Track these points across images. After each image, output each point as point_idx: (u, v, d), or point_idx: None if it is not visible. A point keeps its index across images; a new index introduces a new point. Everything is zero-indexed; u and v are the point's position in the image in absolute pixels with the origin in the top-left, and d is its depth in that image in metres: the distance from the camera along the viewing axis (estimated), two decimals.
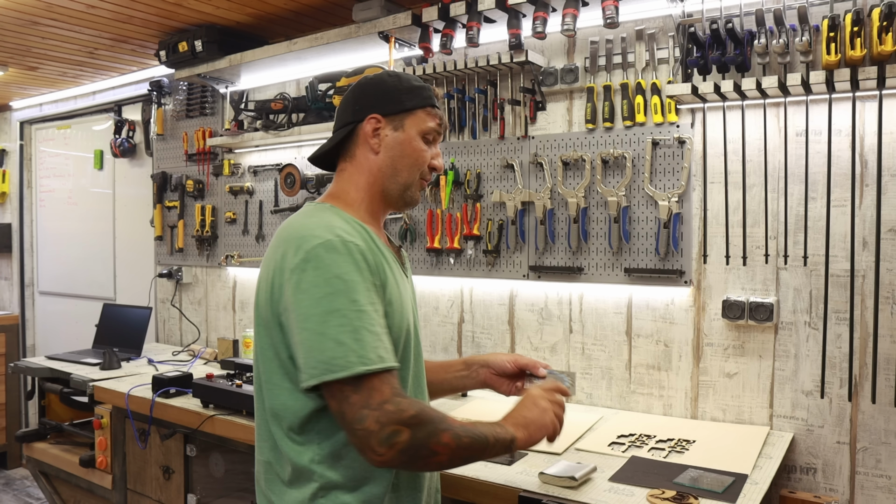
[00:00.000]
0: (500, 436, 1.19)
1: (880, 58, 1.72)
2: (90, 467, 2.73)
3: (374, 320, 1.11)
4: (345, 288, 1.09)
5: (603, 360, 2.30)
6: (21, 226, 4.81)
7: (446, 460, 1.12)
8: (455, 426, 1.12)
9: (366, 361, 1.06)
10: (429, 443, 1.08)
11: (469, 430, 1.14)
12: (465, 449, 1.12)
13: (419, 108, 1.29)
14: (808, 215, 1.92)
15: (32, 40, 3.19)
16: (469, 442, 1.12)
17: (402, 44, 2.52)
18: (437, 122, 1.33)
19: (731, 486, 1.53)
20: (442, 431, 1.10)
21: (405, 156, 1.29)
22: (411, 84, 1.31)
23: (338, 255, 1.11)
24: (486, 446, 1.16)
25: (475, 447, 1.14)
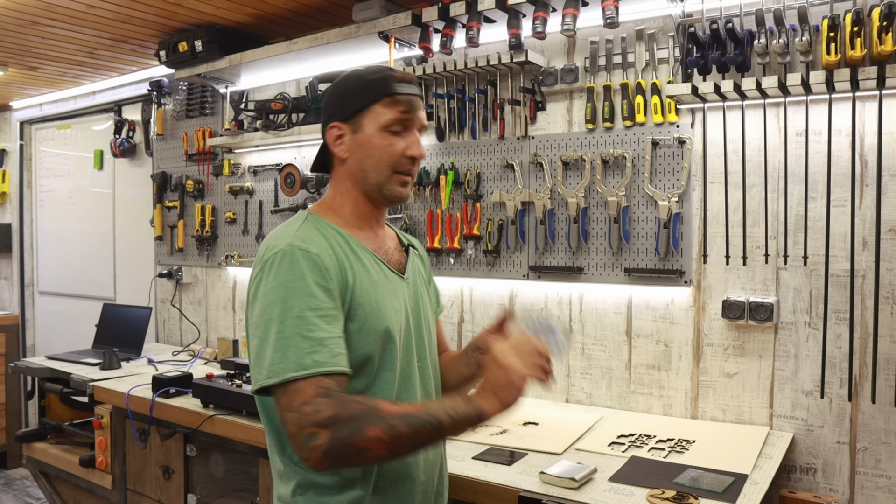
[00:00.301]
0: (461, 412, 1.07)
1: (880, 58, 1.72)
2: (90, 467, 2.73)
3: (314, 325, 1.09)
4: (285, 296, 1.09)
5: (603, 360, 2.30)
6: (21, 226, 4.81)
7: (386, 453, 1.04)
8: (389, 417, 1.04)
9: (295, 367, 1.05)
10: (353, 441, 1.02)
11: (411, 417, 1.05)
12: (406, 438, 1.04)
13: (374, 102, 1.23)
14: (808, 215, 1.92)
15: (32, 40, 3.19)
16: (410, 430, 1.04)
17: (402, 44, 2.52)
18: (401, 109, 1.23)
19: (731, 486, 1.53)
20: (368, 427, 1.02)
21: (369, 156, 1.24)
22: (364, 80, 1.25)
23: (287, 264, 1.12)
24: (437, 428, 1.06)
25: (422, 433, 1.05)
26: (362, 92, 1.24)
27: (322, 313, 1.10)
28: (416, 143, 1.27)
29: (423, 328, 1.34)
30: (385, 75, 1.24)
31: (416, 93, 1.26)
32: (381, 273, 1.26)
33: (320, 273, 1.13)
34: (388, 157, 1.24)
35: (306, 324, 1.08)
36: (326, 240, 1.20)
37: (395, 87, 1.24)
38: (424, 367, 1.32)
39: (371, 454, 1.03)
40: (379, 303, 1.21)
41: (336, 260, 1.17)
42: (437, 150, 2.63)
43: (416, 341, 1.31)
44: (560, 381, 2.39)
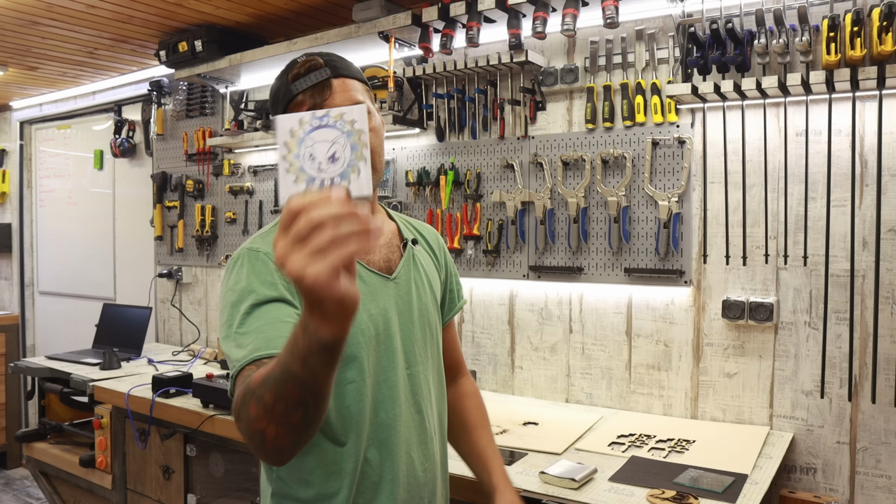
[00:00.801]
0: (303, 346, 0.76)
1: (880, 58, 1.72)
2: (90, 467, 2.73)
3: (250, 319, 1.02)
4: (234, 299, 1.06)
5: (603, 360, 2.30)
6: (21, 226, 4.81)
7: (280, 429, 0.85)
8: (256, 388, 0.85)
9: (240, 363, 0.98)
10: (250, 429, 0.87)
11: (269, 378, 0.83)
12: (277, 403, 0.82)
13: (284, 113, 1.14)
14: (808, 215, 1.92)
15: (32, 40, 3.19)
16: (273, 394, 0.82)
17: (402, 44, 2.52)
18: (306, 108, 1.10)
19: (730, 486, 1.54)
20: (250, 407, 0.86)
21: None
22: (273, 94, 1.17)
23: (240, 267, 1.10)
24: (294, 377, 0.79)
25: (285, 391, 0.81)
26: (274, 106, 1.18)
27: (263, 309, 1.03)
28: None
29: (416, 332, 1.24)
30: (283, 81, 1.15)
31: (316, 80, 1.11)
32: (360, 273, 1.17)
33: (266, 269, 1.08)
34: None
35: (245, 321, 1.03)
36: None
37: (294, 87, 1.13)
38: (415, 375, 1.22)
39: (272, 435, 0.85)
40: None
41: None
42: (437, 150, 2.63)
43: (405, 346, 1.21)
44: (560, 381, 2.39)
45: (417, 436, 1.22)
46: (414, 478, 1.20)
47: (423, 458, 1.23)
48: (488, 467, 1.38)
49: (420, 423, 1.22)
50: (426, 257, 1.33)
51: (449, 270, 1.40)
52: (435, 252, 1.37)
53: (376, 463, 1.16)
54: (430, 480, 1.24)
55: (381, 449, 1.16)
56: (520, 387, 2.48)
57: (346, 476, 1.12)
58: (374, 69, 2.73)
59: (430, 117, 2.60)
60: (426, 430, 1.23)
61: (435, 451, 1.26)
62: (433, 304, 1.29)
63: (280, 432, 0.85)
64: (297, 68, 1.13)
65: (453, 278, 1.42)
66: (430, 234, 1.38)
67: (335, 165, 0.71)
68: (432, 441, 1.25)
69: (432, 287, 1.31)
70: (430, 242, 1.37)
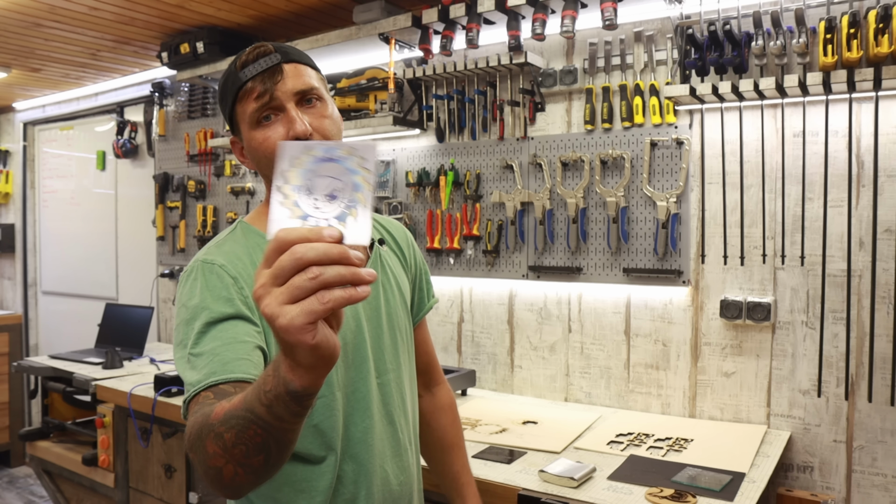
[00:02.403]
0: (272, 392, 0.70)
1: (876, 59, 1.73)
2: (93, 466, 2.74)
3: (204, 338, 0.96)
4: (188, 316, 1.00)
5: (602, 360, 2.32)
6: (24, 226, 4.83)
7: (233, 471, 0.77)
8: (216, 424, 0.78)
9: (194, 388, 0.92)
10: (206, 464, 0.79)
11: (231, 416, 0.76)
12: (237, 445, 0.75)
13: (234, 104, 1.08)
14: (806, 216, 1.94)
15: (36, 42, 3.21)
16: (234, 435, 0.75)
17: (403, 45, 2.54)
18: (255, 94, 1.04)
19: (728, 485, 1.55)
20: (206, 443, 0.79)
21: (257, 161, 1.09)
22: (221, 85, 1.11)
23: (194, 280, 1.03)
24: (258, 422, 0.73)
25: (247, 434, 0.74)
26: (224, 98, 1.11)
27: (219, 327, 0.97)
28: (294, 122, 1.04)
29: (386, 338, 1.18)
30: (230, 69, 1.08)
31: (268, 65, 1.05)
32: None
33: (221, 283, 1.01)
34: (270, 153, 1.04)
35: (200, 340, 0.96)
36: (247, 248, 1.08)
37: (242, 74, 1.06)
38: (386, 384, 1.16)
39: (229, 474, 0.78)
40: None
41: (252, 272, 1.03)
42: (437, 150, 2.64)
43: (375, 354, 1.15)
44: (559, 381, 2.41)
45: (391, 448, 1.17)
46: (389, 492, 1.15)
47: (398, 470, 1.18)
48: (462, 493, 1.38)
49: (393, 434, 1.17)
50: (393, 258, 1.28)
51: (418, 268, 1.35)
52: (403, 250, 1.32)
53: (350, 479, 1.11)
54: (406, 493, 1.20)
55: (354, 464, 1.11)
56: (519, 386, 2.50)
57: (319, 494, 1.07)
58: (374, 70, 2.74)
59: (430, 118, 2.62)
60: (399, 442, 1.18)
61: (410, 463, 1.21)
62: (402, 307, 1.24)
63: (239, 472, 0.78)
64: (245, 56, 1.07)
65: (423, 276, 1.36)
66: (397, 232, 1.33)
67: (332, 205, 0.63)
68: (406, 452, 1.20)
69: (401, 289, 1.25)
70: (398, 240, 1.31)
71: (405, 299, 1.26)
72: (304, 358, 0.64)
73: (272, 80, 1.04)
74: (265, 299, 0.60)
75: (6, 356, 4.57)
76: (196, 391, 0.90)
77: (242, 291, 1.01)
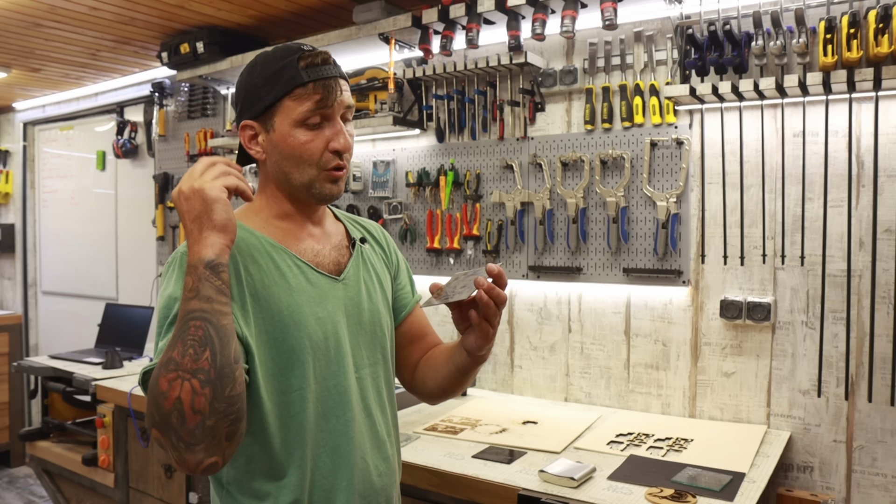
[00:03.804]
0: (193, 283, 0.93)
1: (876, 59, 1.73)
2: (93, 466, 2.74)
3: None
4: (162, 305, 1.03)
5: (601, 360, 2.32)
6: (24, 226, 4.83)
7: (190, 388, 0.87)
8: (157, 365, 0.90)
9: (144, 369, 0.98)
10: (164, 410, 0.88)
11: (166, 342, 0.93)
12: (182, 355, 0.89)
13: (283, 96, 1.09)
14: (806, 216, 1.94)
15: (36, 42, 3.21)
16: (176, 349, 0.89)
17: (403, 45, 2.54)
18: (317, 98, 1.08)
19: (728, 485, 1.55)
20: (157, 384, 0.88)
21: (287, 157, 1.11)
22: (269, 70, 1.10)
23: (171, 271, 1.06)
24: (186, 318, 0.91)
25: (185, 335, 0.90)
26: (269, 85, 1.10)
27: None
28: (340, 134, 1.12)
29: (366, 334, 1.20)
30: (291, 61, 1.09)
31: (331, 74, 1.10)
32: (301, 277, 1.13)
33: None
34: (310, 157, 1.11)
35: (168, 331, 1.00)
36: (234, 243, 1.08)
37: (305, 73, 1.08)
38: (363, 378, 1.19)
39: (188, 398, 0.86)
40: (292, 310, 1.09)
41: (234, 265, 1.06)
42: (437, 150, 2.64)
43: (353, 349, 1.18)
44: (559, 381, 2.41)
45: (371, 441, 1.18)
46: (370, 484, 1.16)
47: (380, 461, 1.19)
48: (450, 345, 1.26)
49: (371, 427, 1.19)
50: (375, 256, 1.30)
51: (400, 266, 1.36)
52: (384, 249, 1.33)
53: (328, 471, 1.12)
54: (387, 485, 1.21)
55: (333, 456, 1.12)
56: (519, 386, 2.50)
57: (294, 487, 1.08)
58: (374, 70, 2.74)
59: (430, 118, 2.62)
60: (378, 435, 1.20)
61: (390, 456, 1.22)
62: (384, 304, 1.26)
63: (195, 387, 0.87)
64: (309, 57, 1.10)
65: (405, 274, 1.37)
66: (377, 231, 1.35)
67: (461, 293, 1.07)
68: (385, 445, 1.21)
69: (383, 286, 1.27)
70: (377, 239, 1.33)
71: (387, 296, 1.28)
72: (219, 216, 0.96)
73: (335, 90, 1.10)
74: (181, 184, 0.98)
75: (6, 356, 4.58)
76: (145, 370, 0.96)
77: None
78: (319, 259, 1.18)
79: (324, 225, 1.23)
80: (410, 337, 1.35)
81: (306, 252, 1.17)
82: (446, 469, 1.68)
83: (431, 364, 1.29)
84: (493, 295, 1.05)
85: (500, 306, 1.07)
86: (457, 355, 1.18)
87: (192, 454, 0.89)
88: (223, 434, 0.90)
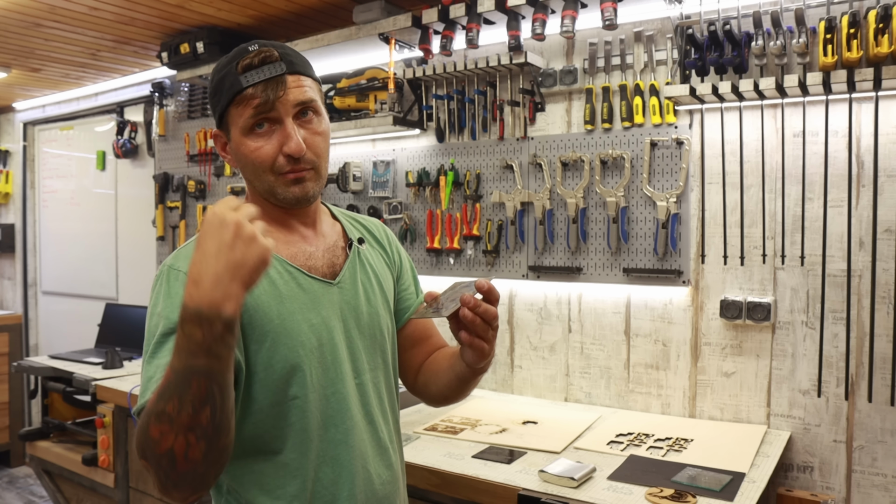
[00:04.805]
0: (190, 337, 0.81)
1: (876, 59, 1.73)
2: (93, 466, 2.74)
3: (164, 348, 0.96)
4: (150, 323, 1.01)
5: (601, 360, 2.32)
6: (24, 226, 4.83)
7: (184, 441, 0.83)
8: (150, 407, 0.85)
9: (140, 400, 0.96)
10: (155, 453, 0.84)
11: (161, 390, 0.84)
12: (179, 410, 0.82)
13: (228, 105, 1.05)
14: (806, 216, 1.94)
15: (36, 42, 3.21)
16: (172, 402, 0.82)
17: (403, 45, 2.54)
18: (255, 102, 1.03)
19: (728, 485, 1.55)
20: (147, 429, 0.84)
21: (245, 165, 1.09)
22: (216, 80, 1.07)
23: (160, 286, 1.03)
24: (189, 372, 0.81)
25: (184, 390, 0.81)
26: (217, 94, 1.07)
27: (171, 334, 0.96)
28: (290, 138, 1.04)
29: (365, 338, 1.16)
30: (231, 67, 1.04)
31: (271, 74, 1.03)
32: (292, 283, 1.09)
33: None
34: (262, 164, 1.06)
35: (159, 350, 0.97)
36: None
37: (243, 79, 1.03)
38: (364, 384, 1.15)
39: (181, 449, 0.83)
40: (284, 319, 1.06)
41: None
42: (437, 150, 2.64)
43: (352, 355, 1.14)
44: (559, 381, 2.41)
45: (373, 448, 1.15)
46: (372, 493, 1.13)
47: (382, 469, 1.16)
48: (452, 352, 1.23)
49: (374, 434, 1.16)
50: (375, 256, 1.25)
51: (403, 266, 1.32)
52: (385, 249, 1.29)
53: (329, 481, 1.09)
54: (391, 493, 1.18)
55: (334, 466, 1.10)
56: (519, 386, 2.50)
57: (294, 498, 1.06)
58: (374, 70, 2.74)
59: (430, 118, 2.62)
60: (381, 441, 1.17)
61: (393, 462, 1.20)
62: (384, 307, 1.22)
63: (190, 441, 0.83)
64: (248, 58, 1.03)
65: (409, 274, 1.33)
66: (377, 229, 1.31)
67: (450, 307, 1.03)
68: (387, 452, 1.18)
69: (383, 287, 1.23)
70: (378, 238, 1.29)
71: (387, 298, 1.24)
72: (259, 276, 0.85)
73: (274, 91, 1.03)
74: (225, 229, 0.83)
75: (6, 356, 4.58)
76: (143, 404, 0.92)
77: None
78: (312, 262, 1.14)
79: (317, 226, 1.19)
80: (414, 339, 1.31)
81: (298, 256, 1.12)
82: (446, 469, 1.68)
83: (434, 369, 1.26)
84: (480, 311, 1.00)
85: (490, 322, 1.02)
86: (457, 364, 1.14)
87: (178, 491, 0.87)
88: (212, 475, 0.89)
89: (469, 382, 1.17)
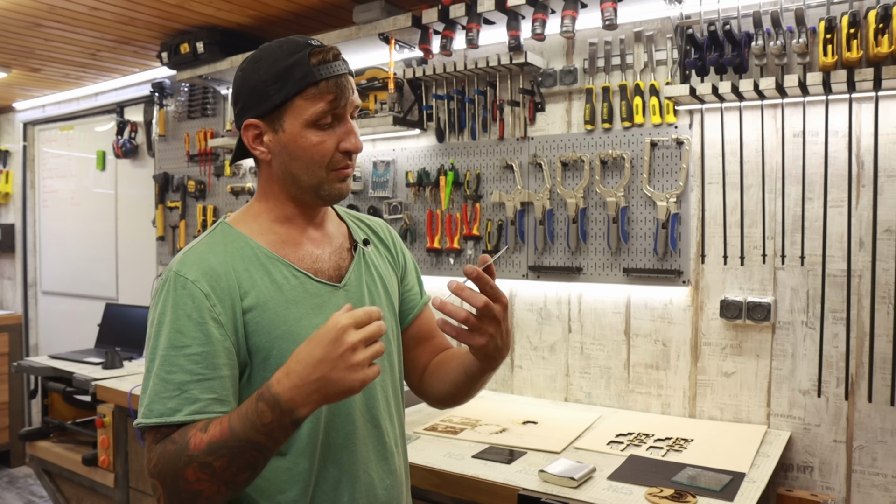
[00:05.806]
0: (267, 419, 0.89)
1: (876, 59, 1.73)
2: (93, 466, 2.74)
3: (175, 366, 0.97)
4: (157, 331, 1.00)
5: (601, 360, 2.32)
6: (24, 226, 4.83)
7: (222, 489, 0.92)
8: (198, 455, 0.91)
9: (146, 413, 0.97)
10: (179, 486, 0.92)
11: (220, 447, 0.91)
12: (228, 468, 0.91)
13: (294, 95, 1.03)
14: (806, 216, 1.94)
15: (36, 42, 3.21)
16: (222, 461, 0.90)
17: (403, 45, 2.54)
18: (330, 98, 1.04)
19: (728, 485, 1.55)
20: (185, 470, 0.91)
21: (296, 158, 1.07)
22: (278, 68, 1.03)
23: (166, 294, 1.02)
24: (255, 447, 0.91)
25: (236, 455, 0.91)
26: (278, 82, 1.03)
27: (189, 352, 0.97)
28: (352, 135, 1.08)
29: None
30: (302, 57, 1.03)
31: (342, 71, 1.05)
32: (298, 287, 1.08)
33: (192, 301, 0.99)
34: (320, 158, 1.07)
35: (168, 364, 0.97)
36: (226, 252, 1.06)
37: (317, 71, 1.03)
38: (370, 387, 1.14)
39: (205, 495, 0.93)
40: (290, 324, 1.05)
41: (227, 282, 1.03)
42: (437, 150, 2.64)
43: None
44: (559, 381, 2.41)
45: (376, 453, 1.15)
46: (374, 498, 1.13)
47: (385, 474, 1.15)
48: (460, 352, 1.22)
49: (378, 438, 1.15)
50: (380, 257, 1.25)
51: (407, 266, 1.31)
52: (389, 249, 1.29)
53: (330, 486, 1.09)
54: (393, 498, 1.17)
55: (335, 470, 1.09)
56: (519, 386, 2.50)
57: (294, 503, 1.06)
58: (374, 70, 2.74)
59: (430, 118, 2.62)
60: (385, 445, 1.16)
61: (397, 466, 1.18)
62: (389, 308, 1.21)
63: (221, 491, 0.93)
64: (321, 53, 1.04)
65: (413, 274, 1.32)
66: (382, 230, 1.30)
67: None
68: (393, 457, 1.17)
69: (388, 289, 1.22)
70: (383, 239, 1.29)
71: (392, 300, 1.23)
72: (343, 397, 0.91)
73: (347, 88, 1.06)
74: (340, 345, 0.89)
75: (6, 356, 4.58)
76: (158, 424, 0.96)
77: (214, 309, 1.00)
78: (319, 265, 1.13)
79: (325, 227, 1.19)
80: (419, 339, 1.30)
81: (304, 259, 1.12)
82: (446, 469, 1.68)
83: (441, 368, 1.25)
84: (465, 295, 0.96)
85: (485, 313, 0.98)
86: (467, 360, 1.13)
87: None
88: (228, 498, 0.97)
89: (477, 381, 1.16)
